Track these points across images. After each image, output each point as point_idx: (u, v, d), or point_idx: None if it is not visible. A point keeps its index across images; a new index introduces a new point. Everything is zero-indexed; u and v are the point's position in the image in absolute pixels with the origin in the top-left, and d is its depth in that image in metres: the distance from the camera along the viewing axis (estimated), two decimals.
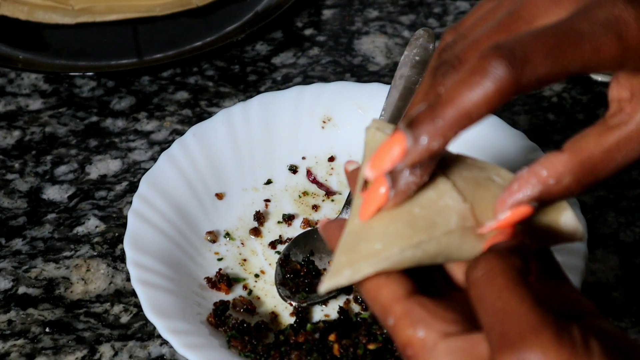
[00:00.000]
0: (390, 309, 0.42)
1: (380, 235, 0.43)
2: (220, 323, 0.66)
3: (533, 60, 0.40)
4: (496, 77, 0.39)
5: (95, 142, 0.85)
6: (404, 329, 0.41)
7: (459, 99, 0.40)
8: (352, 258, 0.43)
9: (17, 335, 0.69)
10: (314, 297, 0.68)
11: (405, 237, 0.43)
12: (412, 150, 0.41)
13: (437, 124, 0.41)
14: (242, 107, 0.78)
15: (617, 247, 0.74)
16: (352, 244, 0.44)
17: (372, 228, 0.44)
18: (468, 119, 0.40)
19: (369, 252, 0.43)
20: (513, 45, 0.40)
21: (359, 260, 0.43)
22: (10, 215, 0.78)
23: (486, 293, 0.39)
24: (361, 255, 0.43)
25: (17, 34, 0.96)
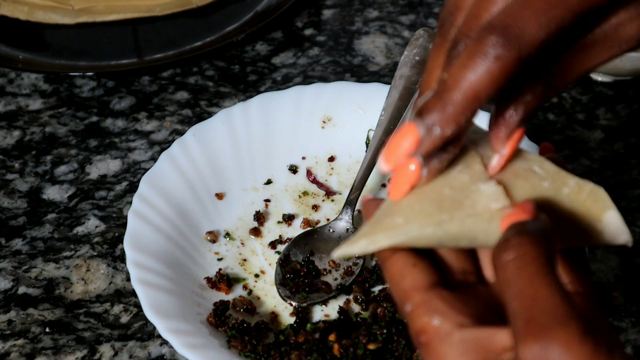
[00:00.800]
0: (410, 296, 0.42)
1: (405, 211, 0.43)
2: (220, 323, 0.66)
3: (527, 29, 0.40)
4: (496, 55, 0.39)
5: (95, 142, 0.85)
6: (420, 316, 0.41)
7: (464, 83, 0.40)
8: (372, 229, 0.44)
9: (17, 335, 0.69)
10: (314, 297, 0.68)
11: (428, 214, 0.43)
12: (425, 140, 0.41)
13: (447, 111, 0.41)
14: (242, 107, 0.78)
15: (617, 247, 0.74)
16: (379, 217, 0.44)
17: (400, 204, 0.44)
18: (476, 100, 0.40)
19: (389, 225, 0.43)
20: (504, 19, 0.40)
21: (378, 231, 0.43)
22: (10, 215, 0.78)
23: (516, 278, 0.39)
24: (381, 227, 0.43)
25: (17, 34, 0.96)
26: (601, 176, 0.80)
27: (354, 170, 0.78)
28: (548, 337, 0.37)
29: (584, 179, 0.45)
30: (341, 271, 0.70)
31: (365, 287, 0.69)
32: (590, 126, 0.85)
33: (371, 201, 0.48)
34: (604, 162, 0.82)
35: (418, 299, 0.42)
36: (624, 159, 0.82)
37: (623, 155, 0.82)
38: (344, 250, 0.44)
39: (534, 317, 0.37)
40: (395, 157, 0.42)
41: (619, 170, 0.81)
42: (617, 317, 0.69)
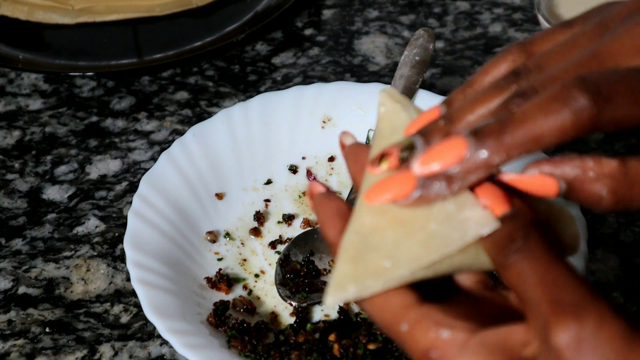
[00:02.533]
0: (403, 315, 0.40)
1: (391, 251, 0.41)
2: (220, 323, 0.66)
3: (616, 100, 0.39)
4: (577, 108, 0.38)
5: (95, 142, 0.85)
6: (423, 333, 0.40)
7: (533, 122, 0.39)
8: (357, 272, 0.41)
9: (17, 335, 0.69)
10: (314, 297, 0.68)
11: (417, 258, 0.41)
12: (470, 159, 0.40)
13: (505, 141, 0.39)
14: (242, 107, 0.78)
15: (617, 247, 0.74)
16: (358, 250, 0.41)
17: (383, 237, 0.41)
18: (536, 143, 0.39)
19: (377, 269, 0.41)
20: (599, 80, 0.39)
21: (366, 277, 0.41)
22: (10, 215, 0.78)
23: (530, 268, 0.38)
24: (368, 271, 0.41)
25: (17, 34, 0.96)
26: None
27: None
28: (581, 314, 0.36)
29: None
30: None
31: None
32: None
33: (327, 200, 0.45)
34: None
35: (414, 316, 0.40)
36: None
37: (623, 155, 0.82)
38: (335, 298, 0.41)
39: (560, 298, 0.37)
40: (432, 164, 0.41)
41: None
42: None
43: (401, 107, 0.45)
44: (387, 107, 0.45)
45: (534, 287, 0.38)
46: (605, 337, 0.36)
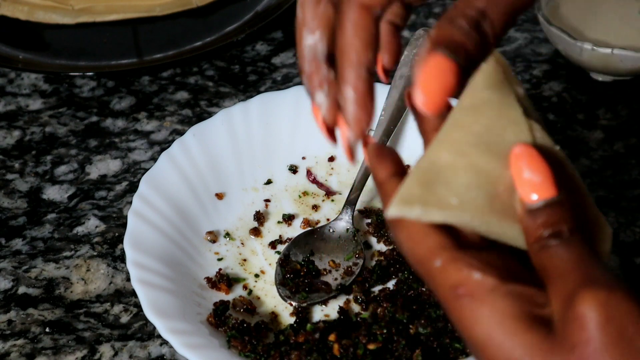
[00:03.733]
0: (438, 253, 0.42)
1: (461, 192, 0.42)
2: (220, 323, 0.66)
3: None
4: None
5: (95, 142, 0.85)
6: (456, 271, 0.41)
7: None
8: (426, 197, 0.42)
9: (17, 335, 0.69)
10: (313, 297, 0.68)
11: (480, 209, 0.42)
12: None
13: None
14: (242, 107, 0.78)
15: (617, 247, 0.74)
16: (430, 178, 0.43)
17: (456, 176, 0.43)
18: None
19: (444, 202, 0.42)
20: None
21: (433, 204, 0.42)
22: (10, 215, 0.78)
23: (566, 252, 0.40)
24: (436, 200, 0.42)
25: (17, 34, 0.96)
26: (601, 176, 0.80)
27: (354, 170, 0.78)
28: (611, 289, 0.39)
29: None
30: (341, 271, 0.70)
31: (365, 287, 0.69)
32: (590, 126, 0.85)
33: (384, 152, 0.47)
34: (604, 162, 0.82)
35: (448, 255, 0.42)
36: (624, 159, 0.82)
37: (623, 155, 0.82)
38: (399, 210, 0.42)
39: (593, 276, 0.39)
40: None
41: (619, 170, 0.81)
42: None
43: (505, 73, 0.46)
44: (491, 66, 0.46)
45: (569, 264, 0.40)
46: (625, 311, 0.38)
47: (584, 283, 0.39)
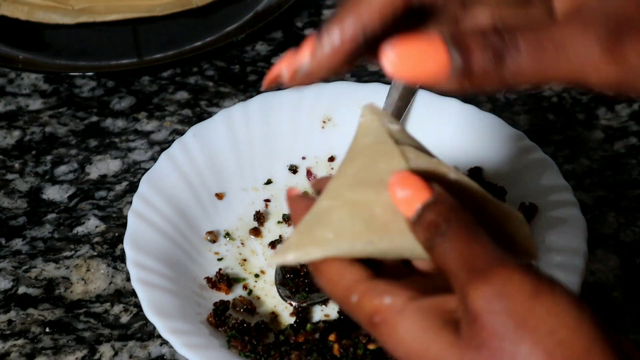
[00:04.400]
0: (354, 288, 0.43)
1: (335, 226, 0.44)
2: (220, 323, 0.66)
3: None
4: None
5: (95, 142, 0.85)
6: (369, 301, 0.42)
7: None
8: (303, 241, 0.45)
9: (17, 335, 0.69)
10: (313, 297, 0.68)
11: (358, 234, 0.44)
12: None
13: None
14: (242, 107, 0.78)
15: (617, 247, 0.74)
16: (308, 225, 0.45)
17: (332, 215, 0.45)
18: None
19: (320, 239, 0.44)
20: None
21: (309, 245, 0.44)
22: (10, 215, 0.78)
23: (451, 247, 0.41)
24: (312, 240, 0.45)
25: (17, 34, 0.96)
26: (601, 176, 0.80)
27: None
28: (491, 274, 0.39)
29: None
30: None
31: None
32: (590, 126, 0.85)
33: (299, 200, 0.48)
34: (604, 162, 0.82)
35: (363, 288, 0.43)
36: (624, 159, 0.82)
37: (623, 156, 0.82)
38: (276, 259, 0.45)
39: (474, 265, 0.40)
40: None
41: (619, 170, 0.81)
42: (617, 317, 0.69)
43: (379, 118, 0.48)
44: (367, 118, 0.49)
45: (454, 261, 0.41)
46: (512, 293, 0.39)
47: (467, 277, 0.40)
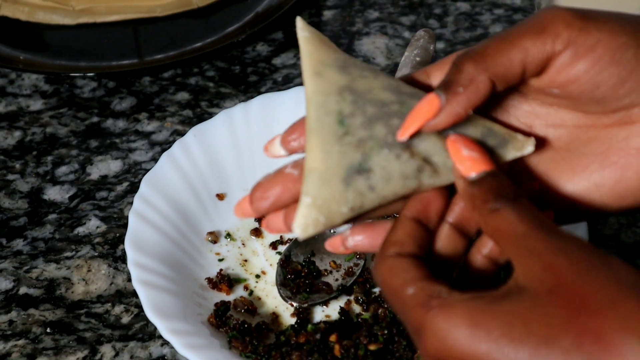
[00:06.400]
0: (413, 283, 0.43)
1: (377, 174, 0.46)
2: (221, 323, 0.66)
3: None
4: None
5: (96, 143, 0.85)
6: (426, 292, 0.43)
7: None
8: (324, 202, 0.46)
9: (18, 336, 0.69)
10: (314, 298, 0.69)
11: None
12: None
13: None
14: (242, 108, 0.78)
15: (618, 248, 0.74)
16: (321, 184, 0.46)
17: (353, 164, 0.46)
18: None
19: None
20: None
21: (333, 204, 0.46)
22: (11, 216, 0.78)
23: (512, 214, 0.43)
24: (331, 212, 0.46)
25: (17, 34, 0.96)
26: None
27: None
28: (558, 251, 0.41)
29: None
30: (342, 272, 0.70)
31: (366, 287, 0.69)
32: None
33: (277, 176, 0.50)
34: None
35: (421, 284, 0.43)
36: None
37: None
38: (305, 232, 0.46)
39: (531, 247, 0.42)
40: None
41: None
42: None
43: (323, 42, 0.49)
44: (309, 34, 0.49)
45: (517, 224, 0.42)
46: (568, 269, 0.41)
47: (522, 252, 0.41)
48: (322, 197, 0.45)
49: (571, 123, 0.49)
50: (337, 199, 0.46)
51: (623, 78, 0.45)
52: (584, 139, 0.49)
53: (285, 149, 0.50)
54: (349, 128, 0.46)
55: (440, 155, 0.47)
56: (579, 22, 0.46)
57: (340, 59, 0.48)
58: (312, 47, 0.48)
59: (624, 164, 0.47)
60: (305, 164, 0.46)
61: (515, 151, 0.48)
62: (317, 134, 0.46)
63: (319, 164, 0.45)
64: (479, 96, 0.46)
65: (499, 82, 0.46)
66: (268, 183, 0.49)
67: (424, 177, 0.47)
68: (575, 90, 0.46)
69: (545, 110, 0.49)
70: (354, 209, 0.46)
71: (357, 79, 0.47)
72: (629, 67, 0.45)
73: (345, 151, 0.46)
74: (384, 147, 0.46)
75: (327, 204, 0.45)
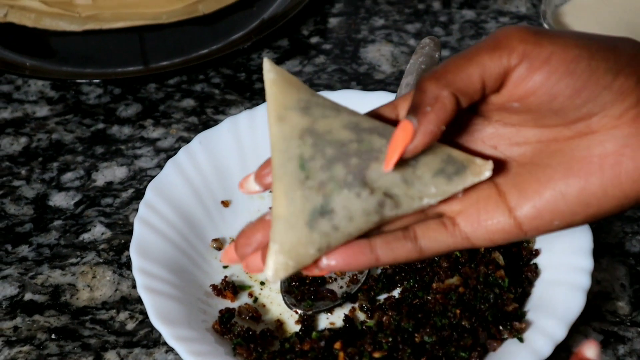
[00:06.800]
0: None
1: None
2: (225, 331, 0.66)
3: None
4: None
5: (101, 149, 0.85)
6: None
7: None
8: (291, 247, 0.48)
9: (23, 342, 0.69)
10: (319, 305, 0.69)
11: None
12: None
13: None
14: (248, 115, 0.78)
15: (622, 257, 0.74)
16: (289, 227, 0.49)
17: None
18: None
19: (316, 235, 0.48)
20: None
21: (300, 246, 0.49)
22: (16, 222, 0.79)
23: None
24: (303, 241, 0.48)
25: (24, 41, 0.96)
26: None
27: None
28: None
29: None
30: (347, 279, 0.70)
31: (371, 295, 0.69)
32: None
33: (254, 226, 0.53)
34: None
35: None
36: None
37: None
38: (275, 276, 0.49)
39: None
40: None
41: None
42: (622, 327, 0.69)
43: (290, 83, 0.51)
44: (275, 75, 0.51)
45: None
46: None
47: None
48: (289, 242, 0.48)
49: (534, 139, 0.51)
50: (303, 242, 0.48)
51: (578, 88, 0.47)
52: (547, 152, 0.50)
53: (260, 184, 0.52)
54: (309, 172, 0.48)
55: (400, 187, 0.49)
56: (533, 37, 0.48)
57: (304, 99, 0.50)
58: (277, 90, 0.50)
59: (587, 171, 0.49)
60: (272, 211, 0.48)
61: (474, 177, 0.50)
62: (280, 180, 0.48)
63: (283, 210, 0.48)
64: (447, 111, 0.48)
65: (462, 97, 0.48)
66: (250, 230, 0.51)
67: (385, 211, 0.49)
68: (534, 102, 0.48)
69: (508, 130, 0.51)
70: (321, 249, 0.49)
71: (319, 119, 0.49)
72: (583, 78, 0.47)
73: (307, 195, 0.48)
74: (344, 188, 0.48)
75: (294, 248, 0.48)
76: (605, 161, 0.48)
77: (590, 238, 0.67)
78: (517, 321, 0.64)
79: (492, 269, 0.66)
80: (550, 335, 0.62)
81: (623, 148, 0.48)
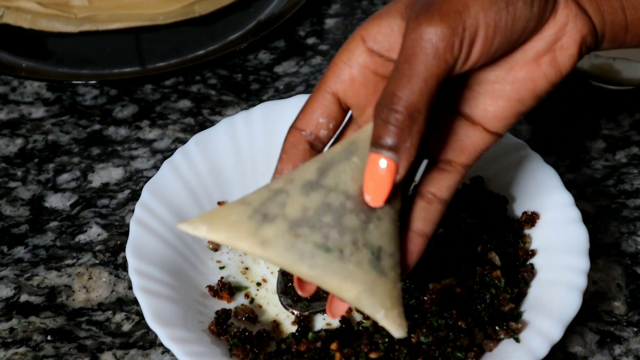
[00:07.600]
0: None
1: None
2: (222, 331, 0.66)
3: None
4: None
5: (97, 150, 0.85)
6: None
7: None
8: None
9: (18, 344, 0.69)
10: (315, 306, 0.69)
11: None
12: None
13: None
14: (244, 116, 0.78)
15: (618, 257, 0.74)
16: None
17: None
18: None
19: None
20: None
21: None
22: (12, 223, 0.78)
23: None
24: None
25: (20, 42, 0.96)
26: (603, 186, 0.80)
27: None
28: None
29: None
30: None
31: None
32: (592, 136, 0.86)
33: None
34: (606, 172, 0.82)
35: None
36: (625, 168, 0.82)
37: (625, 165, 0.82)
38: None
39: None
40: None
41: (620, 180, 0.81)
42: (619, 327, 0.69)
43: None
44: (207, 226, 0.52)
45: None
46: None
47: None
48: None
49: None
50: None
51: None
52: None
53: (305, 294, 0.58)
54: (335, 245, 0.51)
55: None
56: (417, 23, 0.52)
57: (250, 209, 0.51)
58: (227, 233, 0.51)
59: (525, 75, 0.56)
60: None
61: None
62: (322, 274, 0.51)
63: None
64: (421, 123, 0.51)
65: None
66: None
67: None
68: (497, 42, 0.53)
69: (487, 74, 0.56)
70: None
71: (285, 207, 0.51)
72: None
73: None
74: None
75: None
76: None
77: (586, 238, 0.67)
78: (513, 321, 0.64)
79: (489, 269, 0.66)
80: (547, 335, 0.62)
81: None
